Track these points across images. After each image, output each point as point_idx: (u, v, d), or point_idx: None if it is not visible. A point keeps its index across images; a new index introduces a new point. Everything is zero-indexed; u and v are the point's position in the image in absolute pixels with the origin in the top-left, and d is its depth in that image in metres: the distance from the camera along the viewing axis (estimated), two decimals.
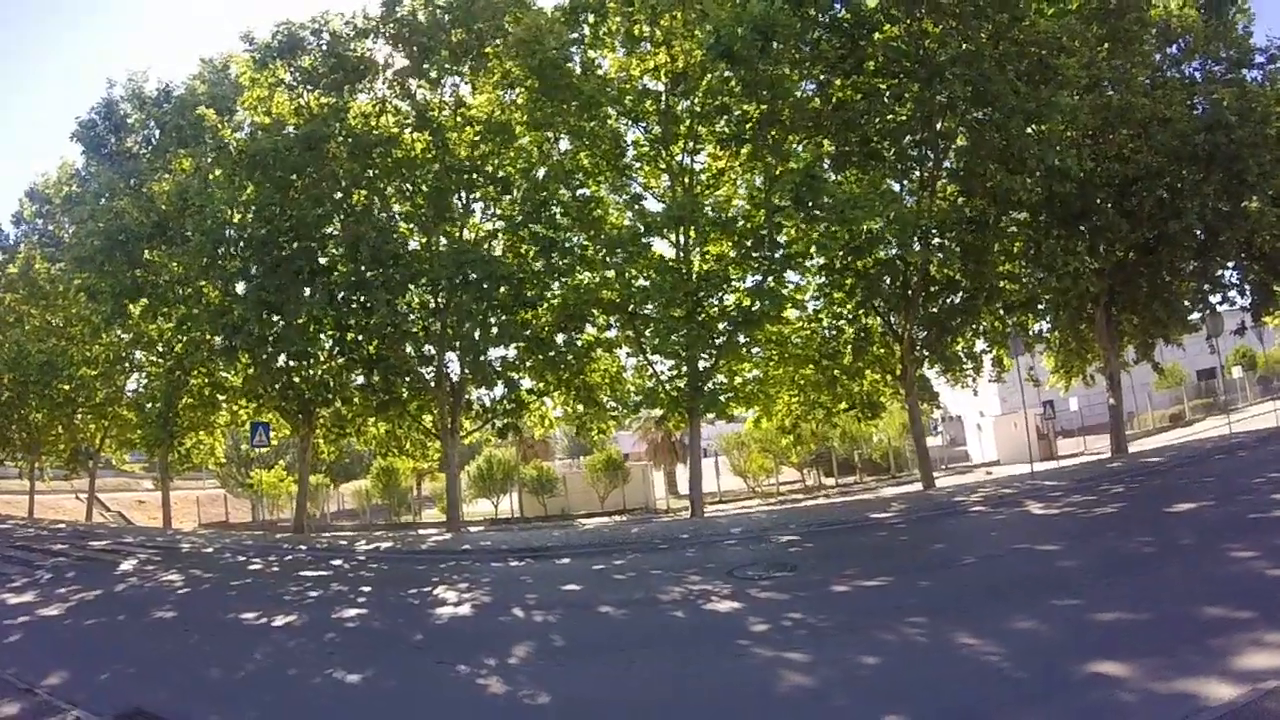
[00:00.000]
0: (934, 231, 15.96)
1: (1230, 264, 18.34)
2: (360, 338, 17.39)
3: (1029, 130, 14.39)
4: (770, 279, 16.77)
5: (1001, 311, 18.71)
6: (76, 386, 22.92)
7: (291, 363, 17.91)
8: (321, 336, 17.80)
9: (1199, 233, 16.72)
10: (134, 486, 38.38)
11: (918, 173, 17.31)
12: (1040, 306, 18.85)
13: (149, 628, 8.01)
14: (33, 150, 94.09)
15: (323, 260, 17.08)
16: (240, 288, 17.41)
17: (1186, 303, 18.79)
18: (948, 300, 18.05)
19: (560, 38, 15.13)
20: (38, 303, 23.15)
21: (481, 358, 17.87)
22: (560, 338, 17.75)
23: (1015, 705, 4.36)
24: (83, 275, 18.05)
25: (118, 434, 24.77)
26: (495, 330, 17.16)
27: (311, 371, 18.34)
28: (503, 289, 16.44)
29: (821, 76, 15.58)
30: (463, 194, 17.24)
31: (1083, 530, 10.22)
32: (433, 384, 18.30)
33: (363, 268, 16.02)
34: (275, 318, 16.75)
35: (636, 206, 16.96)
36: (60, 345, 22.87)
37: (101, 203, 17.26)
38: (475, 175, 16.62)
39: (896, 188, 16.98)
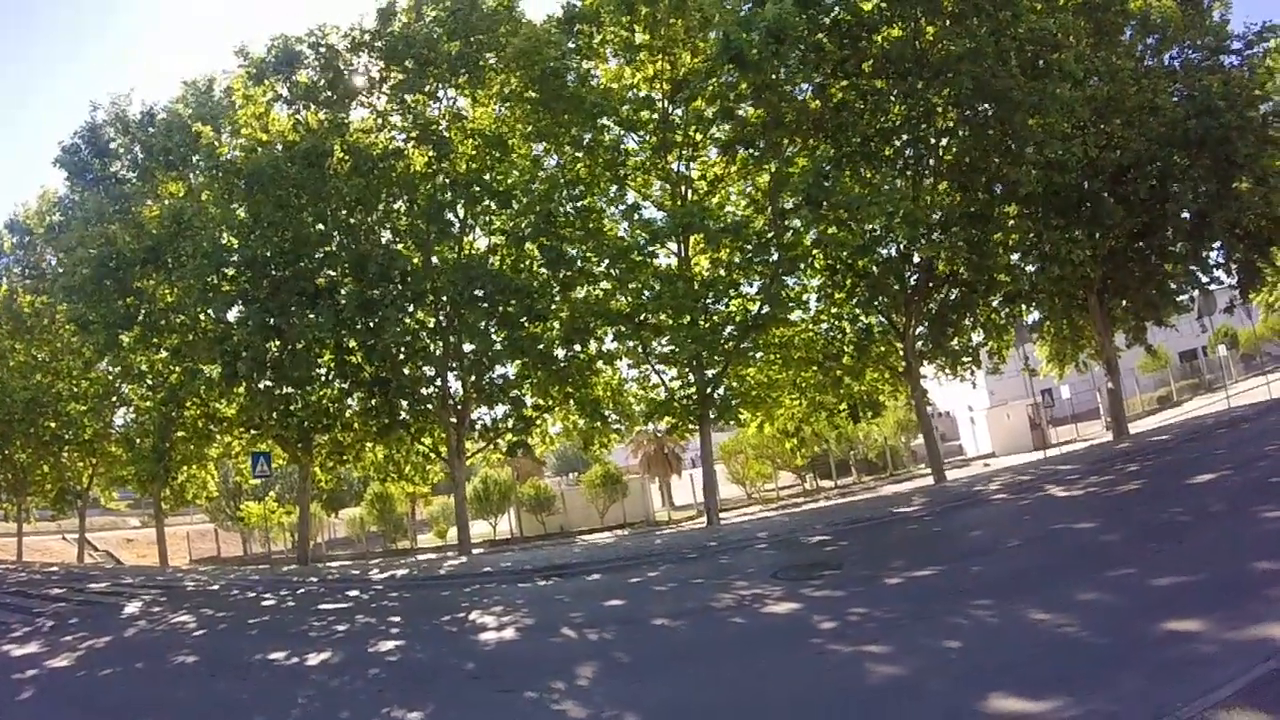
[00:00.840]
0: (937, 228, 16.10)
1: (1217, 244, 18.72)
2: (360, 360, 16.98)
3: (1030, 123, 14.59)
4: (774, 282, 16.80)
5: (996, 304, 18.90)
6: (64, 423, 22.15)
7: (290, 389, 17.33)
8: (320, 361, 17.32)
9: (1188, 215, 17.11)
10: (120, 525, 37.25)
11: (910, 172, 17.48)
12: (1036, 296, 19.04)
13: (171, 675, 7.53)
14: (6, 184, 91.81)
15: (320, 281, 16.67)
16: (236, 312, 16.90)
17: (1173, 285, 19.17)
18: (949, 295, 18.20)
19: (559, 48, 15.07)
20: (21, 337, 22.28)
21: (486, 376, 17.58)
22: (561, 352, 17.44)
23: (1105, 668, 4.43)
24: (70, 306, 17.28)
25: (107, 471, 23.91)
26: (499, 346, 16.86)
27: (311, 397, 17.84)
28: (511, 304, 16.17)
29: (819, 79, 15.69)
30: (461, 208, 17.03)
31: (1113, 507, 10.32)
32: (433, 405, 17.91)
33: (367, 287, 15.67)
34: (275, 343, 16.27)
35: (635, 216, 16.90)
36: (46, 381, 22.04)
37: (90, 229, 16.58)
38: (475, 189, 16.40)
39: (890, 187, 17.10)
